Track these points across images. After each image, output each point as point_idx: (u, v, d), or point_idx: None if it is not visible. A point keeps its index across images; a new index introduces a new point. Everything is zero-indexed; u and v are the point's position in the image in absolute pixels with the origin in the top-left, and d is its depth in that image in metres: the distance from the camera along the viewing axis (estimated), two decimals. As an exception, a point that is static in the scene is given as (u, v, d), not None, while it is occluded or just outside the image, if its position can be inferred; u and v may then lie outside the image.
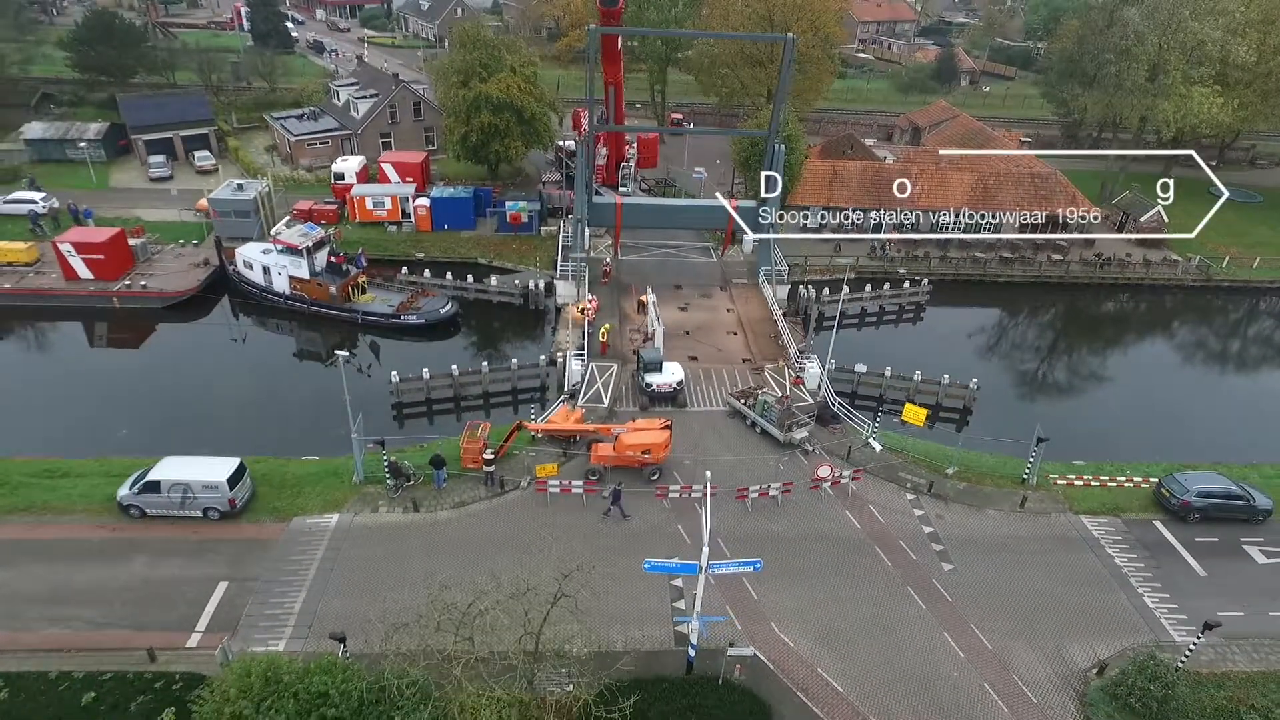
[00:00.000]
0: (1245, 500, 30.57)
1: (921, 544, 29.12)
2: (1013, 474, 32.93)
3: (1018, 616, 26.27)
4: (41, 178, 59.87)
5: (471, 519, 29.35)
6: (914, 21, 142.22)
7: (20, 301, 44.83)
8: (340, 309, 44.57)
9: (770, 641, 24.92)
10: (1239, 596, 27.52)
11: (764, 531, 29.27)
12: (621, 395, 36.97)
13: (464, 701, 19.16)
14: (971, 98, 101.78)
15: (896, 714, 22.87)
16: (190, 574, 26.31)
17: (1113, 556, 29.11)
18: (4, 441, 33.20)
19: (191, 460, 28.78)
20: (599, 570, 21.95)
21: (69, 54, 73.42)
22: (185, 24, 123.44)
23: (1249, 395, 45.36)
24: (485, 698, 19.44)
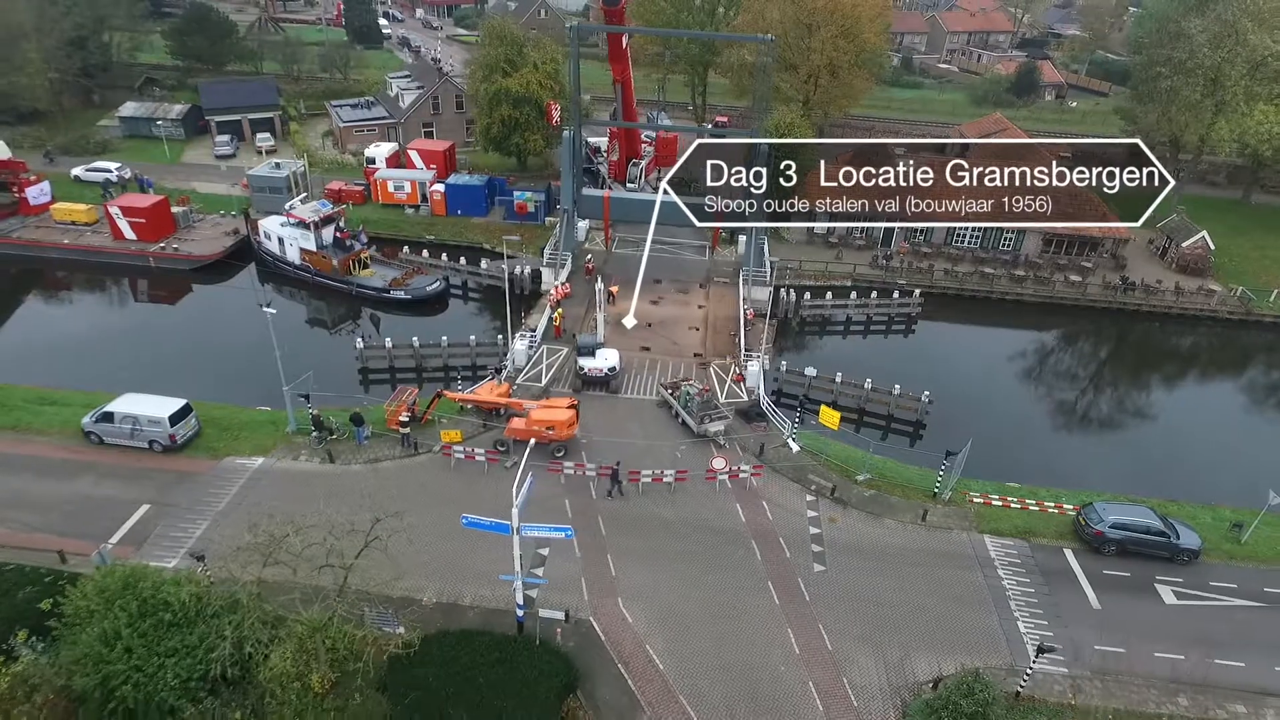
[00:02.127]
0: (1165, 537, 28.69)
1: (801, 544, 29.03)
2: (928, 487, 32.13)
3: (873, 623, 25.90)
4: (129, 151, 67.34)
5: (379, 474, 31.50)
6: (1010, 33, 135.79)
7: (76, 256, 50.97)
8: (340, 280, 48.14)
9: (610, 615, 25.72)
10: (1128, 633, 26.00)
11: (648, 514, 29.98)
12: (564, 377, 38.37)
13: (266, 615, 21.20)
14: (1050, 113, 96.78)
15: (708, 696, 23.23)
16: (122, 495, 29.71)
17: (1002, 578, 28.06)
18: (22, 371, 38.26)
19: (145, 398, 32.38)
20: (468, 532, 23.31)
21: (169, 43, 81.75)
22: (297, 19, 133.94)
23: (1253, 438, 41.75)
24: (292, 616, 21.44)
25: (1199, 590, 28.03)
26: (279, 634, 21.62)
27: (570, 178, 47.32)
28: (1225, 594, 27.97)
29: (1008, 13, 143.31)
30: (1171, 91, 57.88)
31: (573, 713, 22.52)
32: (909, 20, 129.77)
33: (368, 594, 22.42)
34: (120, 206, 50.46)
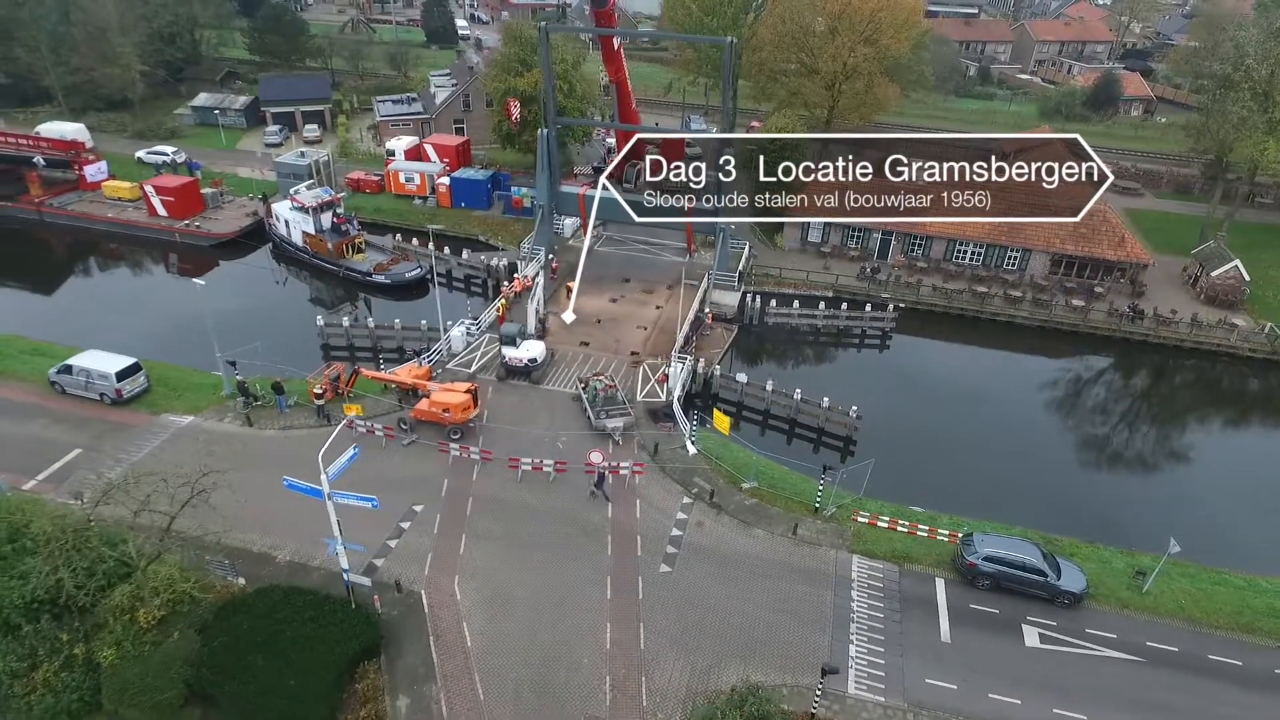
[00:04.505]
0: (1042, 576, 26.79)
1: (658, 544, 28.95)
2: (813, 501, 31.24)
3: (696, 629, 25.61)
4: (195, 138, 73.92)
5: (287, 440, 33.69)
6: (1110, 43, 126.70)
7: (117, 229, 56.63)
8: (332, 263, 51.32)
9: (442, 590, 26.62)
10: (970, 671, 24.61)
11: (518, 501, 30.69)
12: (494, 366, 39.54)
13: (102, 553, 23.45)
14: (1125, 128, 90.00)
15: (502, 678, 23.76)
16: (63, 438, 33.12)
17: (853, 600, 27.04)
18: (32, 326, 43.08)
19: (102, 354, 35.90)
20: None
21: (248, 40, 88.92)
22: (390, 21, 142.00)
23: (1214, 486, 37.93)
24: (121, 554, 23.62)
25: (1070, 636, 26.07)
26: (118, 569, 23.87)
27: (545, 175, 48.51)
28: (1100, 643, 25.88)
29: (1116, 21, 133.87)
30: (1219, 106, 53.12)
31: (366, 675, 23.57)
32: (993, 29, 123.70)
33: (230, 547, 24.44)
34: (154, 186, 55.68)
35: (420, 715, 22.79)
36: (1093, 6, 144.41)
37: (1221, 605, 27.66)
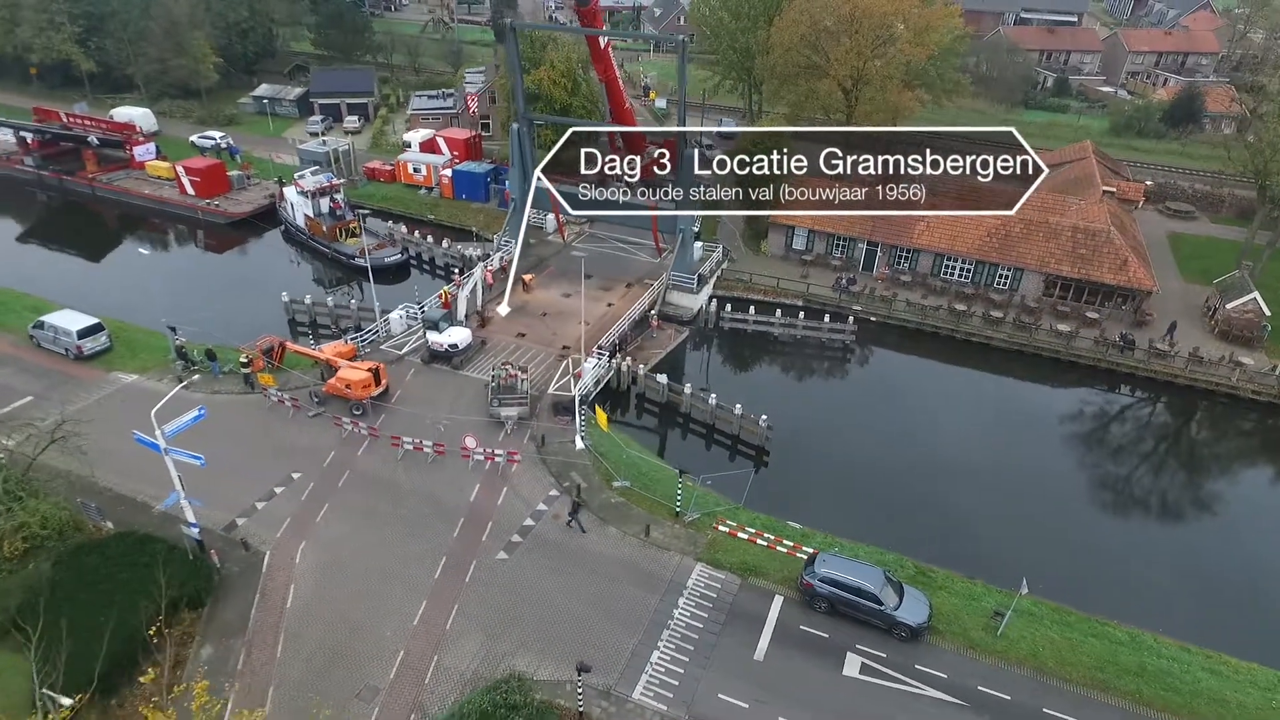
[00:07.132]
0: (879, 605, 25.36)
1: (505, 532, 29.28)
2: (684, 506, 30.69)
3: (508, 617, 25.81)
4: (249, 125, 79.60)
5: (207, 402, 35.92)
6: (1215, 54, 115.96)
7: (152, 205, 61.81)
8: (325, 245, 54.26)
9: (285, 553, 27.96)
10: (770, 694, 23.70)
11: (388, 479, 31.74)
12: (422, 349, 40.83)
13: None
14: (1197, 146, 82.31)
15: (303, 639, 24.82)
16: (21, 386, 36.73)
17: (678, 608, 26.48)
18: (48, 286, 47.79)
19: (70, 314, 39.56)
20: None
21: (313, 35, 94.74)
22: (470, 20, 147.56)
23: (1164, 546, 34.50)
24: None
25: (894, 670, 24.61)
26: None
27: (518, 169, 49.50)
28: (926, 681, 24.31)
29: (1231, 30, 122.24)
30: (1257, 123, 48.16)
31: (184, 622, 25.12)
32: (1079, 38, 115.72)
33: (117, 494, 27.13)
34: (184, 166, 60.43)
35: (218, 664, 24.12)
36: (1213, 16, 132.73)
37: (1084, 657, 25.38)
